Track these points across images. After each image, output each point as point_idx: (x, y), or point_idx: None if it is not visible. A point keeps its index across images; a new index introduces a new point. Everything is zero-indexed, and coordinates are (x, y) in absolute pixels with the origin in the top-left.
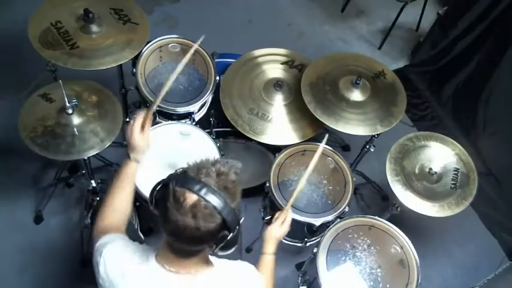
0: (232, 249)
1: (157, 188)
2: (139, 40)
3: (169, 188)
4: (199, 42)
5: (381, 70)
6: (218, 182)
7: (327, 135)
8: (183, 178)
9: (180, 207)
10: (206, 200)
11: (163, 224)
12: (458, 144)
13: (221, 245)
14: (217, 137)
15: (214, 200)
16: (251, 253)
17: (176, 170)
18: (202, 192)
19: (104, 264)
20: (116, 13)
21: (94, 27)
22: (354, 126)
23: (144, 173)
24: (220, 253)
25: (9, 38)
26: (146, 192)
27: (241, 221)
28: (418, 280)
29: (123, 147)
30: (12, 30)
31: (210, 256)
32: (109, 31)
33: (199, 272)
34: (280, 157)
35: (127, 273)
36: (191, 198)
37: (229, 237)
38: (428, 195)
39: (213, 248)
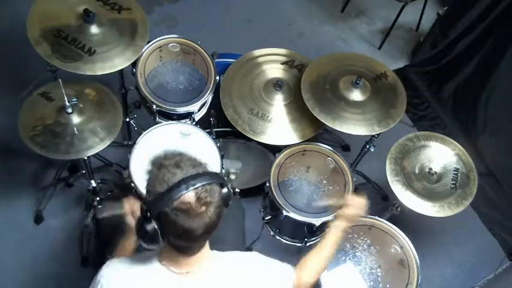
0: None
1: (150, 226)
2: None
3: (168, 213)
4: None
5: (383, 72)
6: (184, 168)
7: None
8: (165, 195)
9: (191, 212)
10: (199, 186)
11: (179, 239)
12: (458, 144)
13: (230, 201)
14: (217, 137)
15: (201, 180)
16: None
17: (146, 197)
18: (190, 184)
19: (107, 283)
20: (105, 3)
21: (94, 27)
22: (351, 126)
23: (144, 173)
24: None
25: (9, 38)
26: None
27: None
28: (418, 280)
29: (123, 147)
30: (12, 30)
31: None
32: (108, 27)
33: (203, 267)
34: (280, 157)
35: (130, 279)
36: (190, 197)
37: (229, 188)
38: (429, 195)
39: (223, 212)
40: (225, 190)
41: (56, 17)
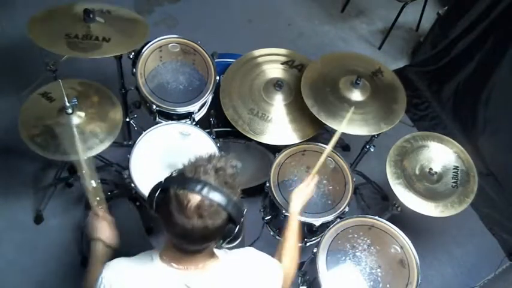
0: (237, 242)
1: (156, 193)
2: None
3: (170, 193)
4: None
5: (377, 68)
6: (217, 178)
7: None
8: (183, 180)
9: (184, 210)
10: (209, 199)
11: (168, 227)
12: (455, 143)
13: (228, 239)
14: (217, 137)
15: (218, 197)
16: None
17: (172, 173)
18: (205, 191)
19: (109, 282)
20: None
21: (95, 23)
22: (358, 127)
23: (144, 173)
24: (226, 246)
25: (10, 39)
26: (146, 192)
27: (244, 212)
28: (418, 280)
29: (123, 147)
30: (12, 30)
31: (215, 250)
32: (110, 19)
33: (208, 265)
34: (280, 157)
35: (132, 278)
36: (195, 199)
37: (235, 230)
38: (431, 195)
39: (219, 243)
40: (229, 225)
41: (56, 25)
